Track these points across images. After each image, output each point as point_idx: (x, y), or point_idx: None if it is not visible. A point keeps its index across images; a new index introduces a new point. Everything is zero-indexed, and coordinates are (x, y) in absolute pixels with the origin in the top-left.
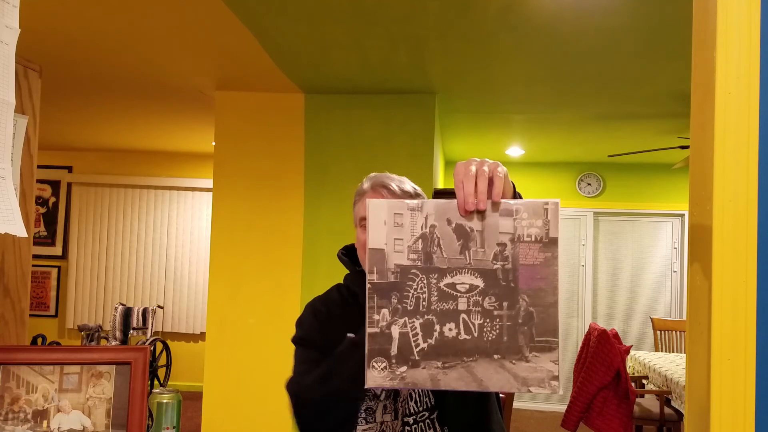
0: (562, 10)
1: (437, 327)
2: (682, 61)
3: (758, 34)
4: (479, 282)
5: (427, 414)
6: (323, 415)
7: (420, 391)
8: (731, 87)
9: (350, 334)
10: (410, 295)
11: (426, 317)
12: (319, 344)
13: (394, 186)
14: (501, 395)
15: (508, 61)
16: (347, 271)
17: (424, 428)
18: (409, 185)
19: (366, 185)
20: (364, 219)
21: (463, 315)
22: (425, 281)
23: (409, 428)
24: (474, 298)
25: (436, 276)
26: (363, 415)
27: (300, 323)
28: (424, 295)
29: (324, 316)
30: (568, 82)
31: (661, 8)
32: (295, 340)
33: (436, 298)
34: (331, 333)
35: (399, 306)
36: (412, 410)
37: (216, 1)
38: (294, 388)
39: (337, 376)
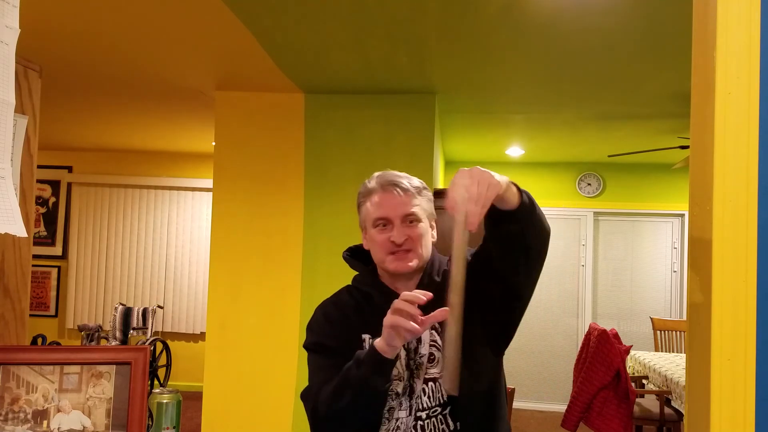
0: (562, 10)
1: None
2: (682, 61)
3: (758, 34)
4: None
5: (439, 409)
6: (340, 427)
7: (433, 387)
8: (731, 87)
9: (365, 335)
10: None
11: None
12: (334, 349)
13: (405, 183)
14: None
15: (508, 61)
16: (349, 272)
17: (436, 423)
18: (416, 180)
19: (372, 184)
20: (379, 219)
21: None
22: None
23: (422, 423)
24: None
25: None
26: (386, 415)
27: (311, 328)
28: None
29: (337, 319)
30: (568, 82)
31: (661, 8)
32: (307, 346)
33: None
34: (346, 336)
35: None
36: (425, 405)
37: (216, 1)
38: (312, 402)
39: (349, 390)
